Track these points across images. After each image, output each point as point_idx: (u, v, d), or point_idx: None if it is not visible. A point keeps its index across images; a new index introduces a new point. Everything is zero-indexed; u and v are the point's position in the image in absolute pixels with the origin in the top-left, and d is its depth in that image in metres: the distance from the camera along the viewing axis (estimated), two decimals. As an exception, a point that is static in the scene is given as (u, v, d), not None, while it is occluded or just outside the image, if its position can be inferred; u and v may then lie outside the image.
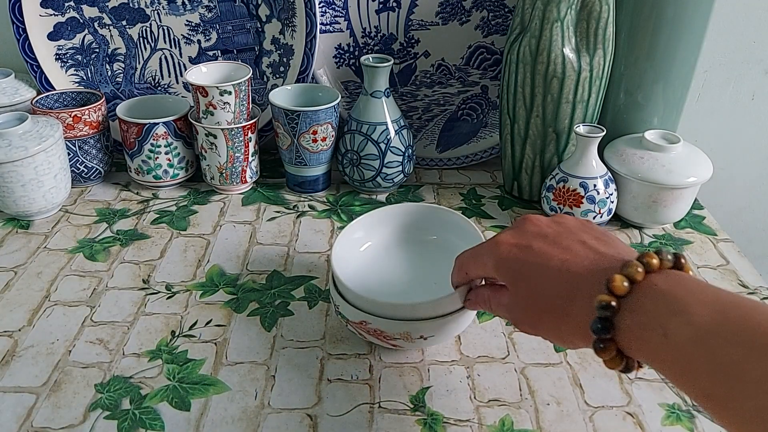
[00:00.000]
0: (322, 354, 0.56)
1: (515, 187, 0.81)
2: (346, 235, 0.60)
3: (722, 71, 0.94)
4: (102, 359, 0.55)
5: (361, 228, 0.62)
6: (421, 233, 0.63)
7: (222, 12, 0.83)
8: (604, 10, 0.68)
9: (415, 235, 0.63)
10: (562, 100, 0.72)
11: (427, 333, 0.53)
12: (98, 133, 0.80)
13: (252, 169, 0.81)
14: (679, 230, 0.77)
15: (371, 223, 0.63)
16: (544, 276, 0.41)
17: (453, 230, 0.61)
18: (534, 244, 0.43)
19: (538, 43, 0.70)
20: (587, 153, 0.70)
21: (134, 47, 0.85)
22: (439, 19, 0.83)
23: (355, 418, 0.50)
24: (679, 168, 0.71)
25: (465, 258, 0.49)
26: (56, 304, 0.62)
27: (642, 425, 0.50)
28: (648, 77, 0.74)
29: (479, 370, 0.55)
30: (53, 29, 0.83)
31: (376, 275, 0.61)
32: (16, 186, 0.70)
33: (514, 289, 0.43)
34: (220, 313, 0.61)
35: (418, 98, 0.88)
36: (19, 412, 0.50)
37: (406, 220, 0.64)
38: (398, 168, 0.79)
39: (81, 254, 0.69)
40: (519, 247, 0.44)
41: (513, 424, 0.50)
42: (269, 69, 0.86)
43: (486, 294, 0.48)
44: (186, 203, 0.80)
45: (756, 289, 0.66)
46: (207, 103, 0.75)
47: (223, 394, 0.52)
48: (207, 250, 0.70)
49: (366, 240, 0.63)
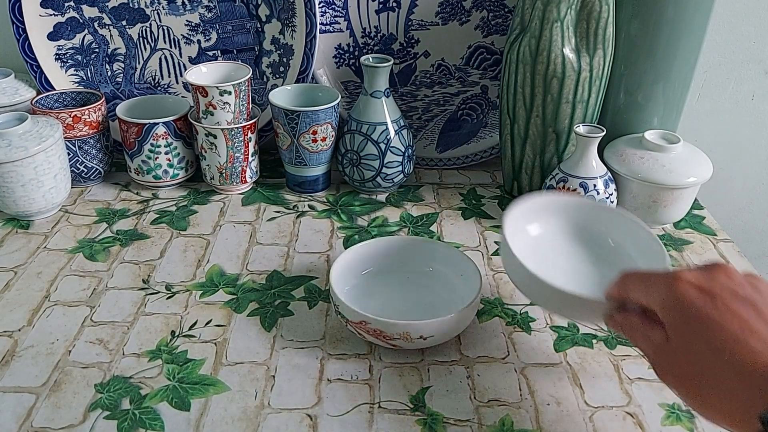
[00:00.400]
0: (322, 354, 0.56)
1: (515, 188, 0.81)
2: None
3: (722, 71, 0.94)
4: (102, 359, 0.55)
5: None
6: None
7: (222, 12, 0.83)
8: (604, 10, 0.68)
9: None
10: (562, 100, 0.72)
11: (427, 333, 0.53)
12: (98, 133, 0.80)
13: (252, 169, 0.81)
14: (679, 230, 0.77)
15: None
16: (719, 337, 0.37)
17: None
18: (720, 295, 0.38)
19: (538, 43, 0.70)
20: (587, 153, 0.70)
21: (134, 47, 0.85)
22: (438, 19, 0.83)
23: (355, 418, 0.50)
24: (679, 168, 0.71)
25: (632, 278, 0.45)
26: (56, 304, 0.62)
27: (642, 425, 0.50)
28: (648, 77, 0.74)
29: (479, 370, 0.55)
30: (53, 29, 0.83)
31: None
32: (16, 186, 0.70)
33: (675, 335, 0.39)
34: (220, 313, 0.61)
35: (418, 98, 0.88)
36: (18, 412, 0.50)
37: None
38: (398, 168, 0.79)
39: (81, 254, 0.69)
40: (701, 292, 0.39)
41: (513, 424, 0.50)
42: (269, 69, 0.86)
43: (636, 322, 0.44)
44: (186, 203, 0.80)
45: (756, 289, 0.66)
46: (207, 103, 0.75)
47: (222, 394, 0.52)
48: (207, 250, 0.70)
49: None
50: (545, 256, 0.57)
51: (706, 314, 0.38)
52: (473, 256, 0.70)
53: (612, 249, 0.59)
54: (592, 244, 0.60)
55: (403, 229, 0.75)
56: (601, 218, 0.60)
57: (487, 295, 0.64)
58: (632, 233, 0.58)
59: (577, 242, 0.60)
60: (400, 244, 0.65)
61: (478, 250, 0.71)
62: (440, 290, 0.62)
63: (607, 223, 0.60)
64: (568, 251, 0.59)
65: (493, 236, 0.74)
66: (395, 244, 0.65)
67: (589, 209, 0.61)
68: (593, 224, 0.60)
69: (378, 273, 0.64)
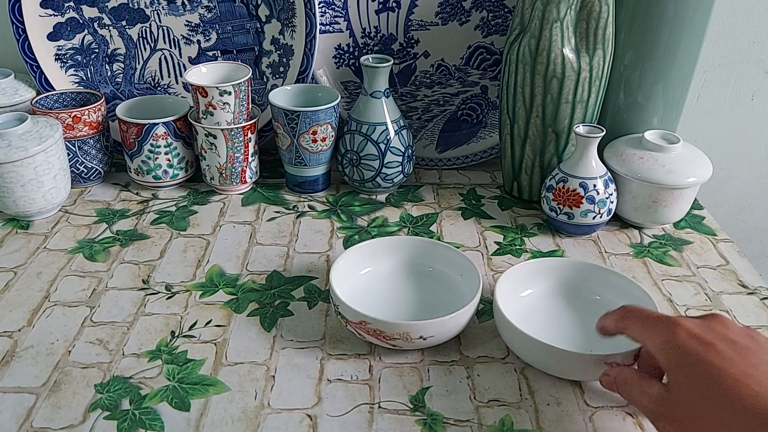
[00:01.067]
0: (322, 354, 0.56)
1: (515, 188, 0.81)
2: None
3: (722, 71, 0.94)
4: (102, 359, 0.55)
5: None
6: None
7: (222, 12, 0.83)
8: (603, 11, 0.68)
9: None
10: (561, 101, 0.72)
11: (426, 333, 0.53)
12: (98, 134, 0.80)
13: (252, 169, 0.81)
14: (679, 230, 0.77)
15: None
16: (720, 381, 0.39)
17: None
18: (718, 344, 0.40)
19: (537, 44, 0.70)
20: (587, 153, 0.70)
21: (134, 47, 0.85)
22: (438, 20, 0.83)
23: (354, 418, 0.50)
24: (679, 168, 0.71)
25: (633, 316, 0.47)
26: (56, 304, 0.62)
27: (642, 425, 0.50)
28: (648, 77, 0.74)
29: (479, 370, 0.55)
30: (53, 29, 0.83)
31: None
32: (15, 186, 0.70)
33: (675, 380, 0.41)
34: (220, 313, 0.61)
35: (418, 98, 0.88)
36: (18, 413, 0.50)
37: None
38: (398, 168, 0.79)
39: (81, 254, 0.69)
40: (700, 341, 0.41)
41: (513, 424, 0.50)
42: (269, 69, 0.86)
43: (631, 377, 0.46)
44: (186, 203, 0.80)
45: (755, 290, 0.66)
46: (207, 104, 0.75)
47: (222, 395, 0.52)
48: (207, 251, 0.70)
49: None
50: (536, 316, 0.60)
51: (707, 359, 0.40)
52: (473, 256, 0.70)
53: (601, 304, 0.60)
54: (580, 301, 0.61)
55: (403, 230, 0.75)
56: (588, 276, 0.62)
57: (487, 295, 0.64)
58: (620, 287, 0.60)
59: (565, 301, 0.62)
60: (400, 244, 0.65)
61: (478, 250, 0.71)
62: (440, 290, 0.62)
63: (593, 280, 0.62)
64: (558, 310, 0.61)
65: (493, 236, 0.74)
66: (395, 245, 0.65)
67: (576, 268, 0.63)
68: (581, 283, 0.62)
69: (378, 273, 0.64)
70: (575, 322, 0.59)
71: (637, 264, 0.70)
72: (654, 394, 0.43)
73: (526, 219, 0.78)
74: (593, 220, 0.71)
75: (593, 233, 0.75)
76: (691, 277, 0.68)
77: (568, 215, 0.71)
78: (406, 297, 0.62)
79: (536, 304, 0.61)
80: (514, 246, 0.72)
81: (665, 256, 0.71)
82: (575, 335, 0.58)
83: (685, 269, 0.69)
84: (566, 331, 0.58)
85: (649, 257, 0.71)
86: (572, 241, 0.73)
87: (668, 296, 0.65)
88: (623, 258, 0.71)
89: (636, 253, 0.72)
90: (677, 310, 0.63)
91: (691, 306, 0.64)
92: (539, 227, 0.76)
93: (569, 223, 0.72)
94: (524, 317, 0.57)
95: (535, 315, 0.60)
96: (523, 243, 0.73)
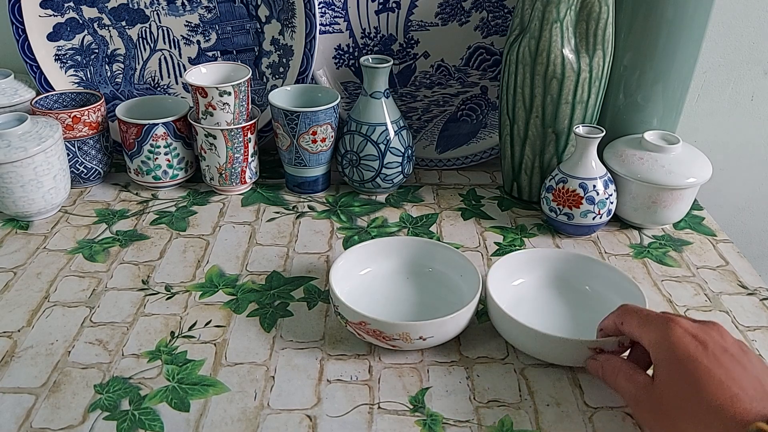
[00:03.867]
0: (322, 355, 0.56)
1: (515, 188, 0.81)
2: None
3: (721, 72, 0.94)
4: (101, 360, 0.55)
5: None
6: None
7: (221, 13, 0.83)
8: (603, 11, 0.68)
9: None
10: (561, 101, 0.72)
11: (426, 334, 0.53)
12: (98, 134, 0.80)
13: (251, 169, 0.81)
14: (679, 231, 0.77)
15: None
16: (705, 380, 0.41)
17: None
18: (711, 345, 0.42)
19: (537, 44, 0.70)
20: (587, 154, 0.70)
21: (134, 48, 0.85)
22: (438, 20, 0.83)
23: (354, 418, 0.50)
24: (679, 169, 0.71)
25: (630, 314, 0.48)
26: (55, 304, 0.62)
27: (642, 426, 0.50)
28: (647, 78, 0.74)
29: (479, 370, 0.55)
30: (53, 30, 0.83)
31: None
32: (15, 187, 0.70)
33: (662, 374, 0.43)
34: (220, 313, 0.61)
35: (418, 99, 0.88)
36: (18, 413, 0.50)
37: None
38: (398, 169, 0.79)
39: (80, 255, 0.69)
40: (695, 339, 0.43)
41: (512, 424, 0.50)
42: (269, 70, 0.86)
43: (619, 364, 0.48)
44: (185, 204, 0.80)
45: (755, 290, 0.66)
46: (206, 104, 0.75)
47: (222, 395, 0.52)
48: (206, 251, 0.70)
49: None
50: (527, 304, 0.61)
51: (697, 358, 0.42)
52: (473, 256, 0.70)
53: (590, 294, 0.62)
54: (570, 291, 0.63)
55: (403, 230, 0.75)
56: (578, 267, 0.64)
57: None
58: (609, 278, 0.61)
59: (556, 291, 0.63)
60: (400, 244, 0.65)
61: (477, 251, 0.71)
62: (440, 290, 0.62)
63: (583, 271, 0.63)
64: (548, 299, 0.62)
65: (493, 237, 0.74)
66: (395, 245, 0.65)
67: (567, 259, 0.64)
68: (571, 273, 0.64)
69: (378, 273, 0.64)
70: (565, 311, 0.61)
71: (636, 264, 0.70)
72: (640, 382, 0.45)
73: (526, 219, 0.78)
74: (593, 220, 0.71)
75: (593, 234, 0.75)
76: (691, 278, 0.68)
77: (567, 216, 0.71)
78: (406, 297, 0.62)
79: (527, 293, 0.63)
80: (514, 246, 0.72)
81: (665, 256, 0.71)
82: (565, 323, 0.59)
83: (685, 270, 0.69)
84: (556, 319, 0.60)
85: (648, 258, 0.71)
86: (572, 242, 0.73)
87: (668, 297, 0.65)
88: (623, 258, 0.71)
89: (636, 254, 0.72)
90: (677, 310, 0.63)
91: (690, 306, 0.64)
92: (539, 228, 0.76)
93: (569, 224, 0.72)
94: (515, 305, 0.59)
95: (526, 303, 0.61)
96: (522, 243, 0.73)
